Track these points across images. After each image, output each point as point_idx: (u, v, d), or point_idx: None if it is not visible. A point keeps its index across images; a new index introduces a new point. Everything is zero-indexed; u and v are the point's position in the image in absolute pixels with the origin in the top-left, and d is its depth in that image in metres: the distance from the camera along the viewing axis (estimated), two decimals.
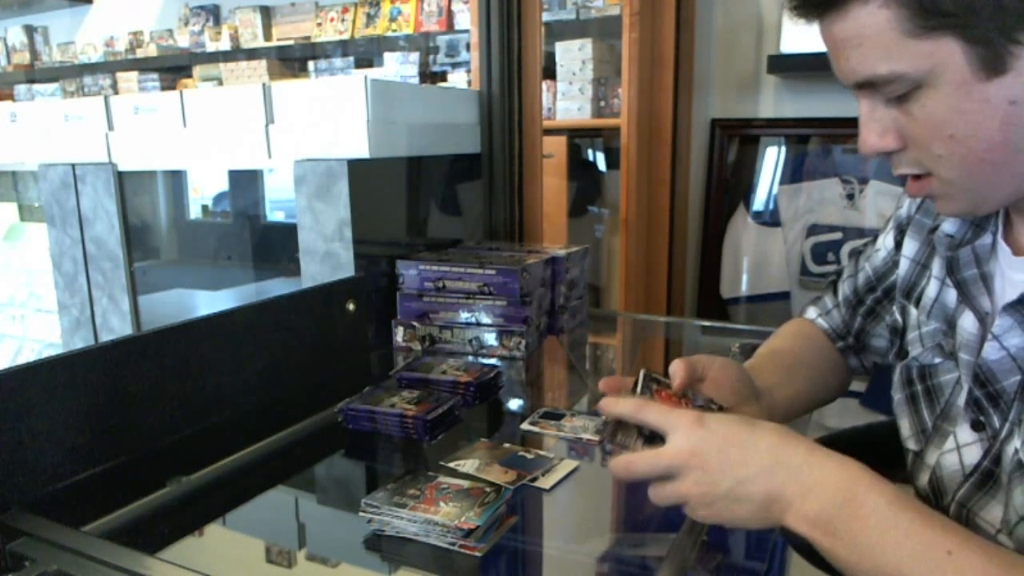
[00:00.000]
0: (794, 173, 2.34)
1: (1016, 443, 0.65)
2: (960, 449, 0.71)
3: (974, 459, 0.70)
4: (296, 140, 1.42)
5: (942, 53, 0.57)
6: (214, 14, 3.71)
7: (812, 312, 1.00)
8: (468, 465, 0.89)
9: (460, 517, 0.73)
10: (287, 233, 1.50)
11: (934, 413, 0.76)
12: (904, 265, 0.83)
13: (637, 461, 0.65)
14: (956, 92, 0.58)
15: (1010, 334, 0.66)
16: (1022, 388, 0.65)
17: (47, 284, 1.92)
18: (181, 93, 1.58)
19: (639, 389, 0.73)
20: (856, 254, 0.96)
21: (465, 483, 0.80)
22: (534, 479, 0.86)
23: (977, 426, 0.70)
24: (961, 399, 0.72)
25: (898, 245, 0.86)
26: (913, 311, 0.81)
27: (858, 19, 0.59)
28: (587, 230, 2.71)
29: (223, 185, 2.11)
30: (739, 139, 2.44)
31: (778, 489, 0.60)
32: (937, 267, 0.78)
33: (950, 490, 0.71)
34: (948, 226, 0.74)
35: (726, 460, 0.61)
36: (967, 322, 0.72)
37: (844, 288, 0.96)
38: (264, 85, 1.47)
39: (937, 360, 0.76)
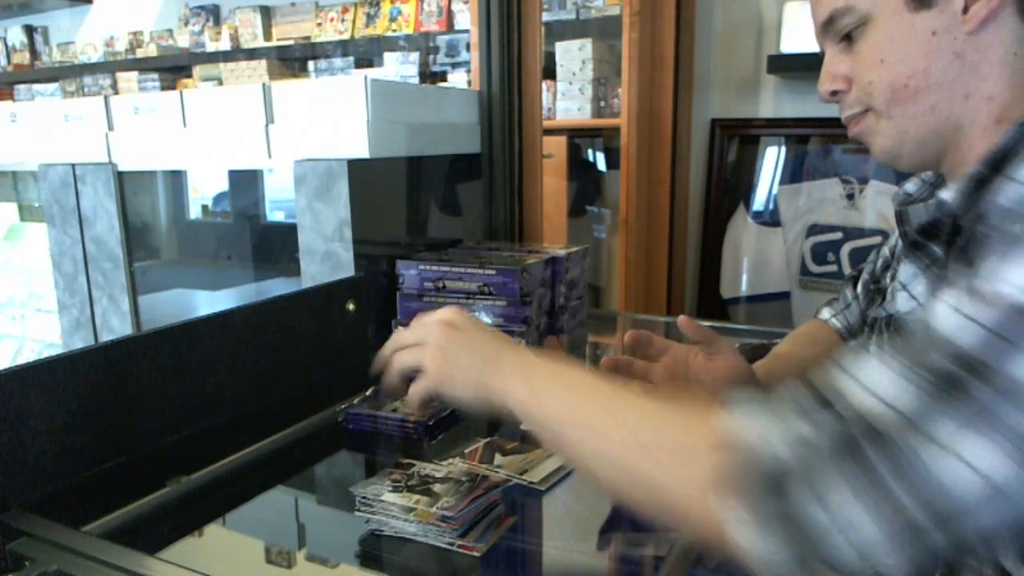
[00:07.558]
0: (794, 173, 2.34)
1: None
2: None
3: None
4: (296, 140, 1.42)
5: None
6: (214, 14, 3.71)
7: (826, 312, 1.01)
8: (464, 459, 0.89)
9: (434, 505, 0.74)
10: (287, 233, 1.50)
11: None
12: None
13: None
14: (890, 22, 0.67)
15: (915, 281, 0.69)
16: None
17: (47, 284, 1.92)
18: (181, 93, 1.58)
19: None
20: (877, 248, 0.98)
21: (447, 471, 0.80)
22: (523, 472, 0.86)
23: None
24: None
25: None
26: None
27: None
28: (587, 230, 2.70)
29: (223, 185, 2.11)
30: (739, 139, 2.43)
31: (497, 353, 0.70)
32: None
33: None
34: (909, 185, 0.82)
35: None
36: (903, 274, 0.75)
37: (864, 276, 0.97)
38: (264, 85, 1.47)
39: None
